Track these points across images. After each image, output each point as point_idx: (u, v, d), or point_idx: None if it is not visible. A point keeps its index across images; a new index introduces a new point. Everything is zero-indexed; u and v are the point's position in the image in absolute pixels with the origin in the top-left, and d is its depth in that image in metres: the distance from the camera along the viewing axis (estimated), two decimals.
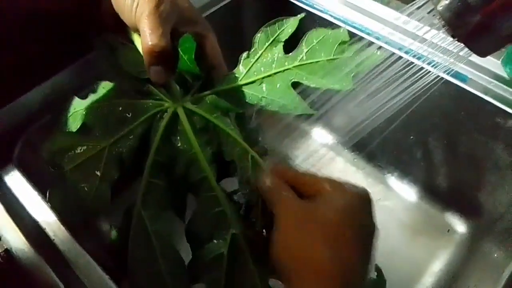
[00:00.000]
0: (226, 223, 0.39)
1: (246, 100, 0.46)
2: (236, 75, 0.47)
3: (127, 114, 0.42)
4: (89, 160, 0.41)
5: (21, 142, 0.49)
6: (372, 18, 0.61)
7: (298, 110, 0.45)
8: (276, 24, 0.47)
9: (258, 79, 0.46)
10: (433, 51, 0.33)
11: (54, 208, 0.43)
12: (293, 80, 0.46)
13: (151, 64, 0.41)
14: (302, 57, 0.46)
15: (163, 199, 0.41)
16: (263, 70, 0.46)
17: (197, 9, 0.45)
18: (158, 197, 0.41)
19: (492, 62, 0.55)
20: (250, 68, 0.46)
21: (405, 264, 0.62)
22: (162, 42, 0.40)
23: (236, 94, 0.46)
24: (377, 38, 0.55)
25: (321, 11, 0.63)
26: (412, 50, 0.42)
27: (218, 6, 0.64)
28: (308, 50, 0.46)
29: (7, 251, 0.42)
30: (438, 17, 0.28)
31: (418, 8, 0.30)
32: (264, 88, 0.46)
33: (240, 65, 0.47)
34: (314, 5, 0.63)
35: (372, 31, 0.59)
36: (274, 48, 0.47)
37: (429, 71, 0.33)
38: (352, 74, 0.44)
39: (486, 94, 0.53)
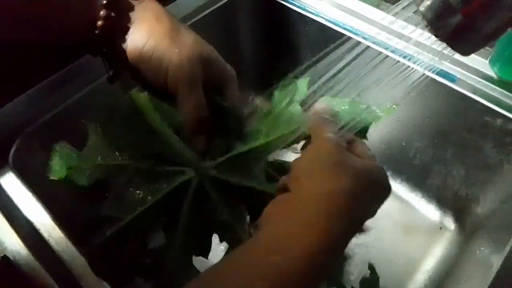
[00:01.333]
0: None
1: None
2: (256, 132, 0.44)
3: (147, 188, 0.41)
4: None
5: (16, 144, 0.49)
6: (362, 19, 0.62)
7: None
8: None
9: (276, 138, 0.43)
10: (419, 50, 0.34)
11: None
12: None
13: (196, 133, 0.41)
14: None
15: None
16: (281, 128, 0.43)
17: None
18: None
19: (480, 62, 0.56)
20: (269, 127, 0.44)
21: (398, 262, 0.63)
22: (206, 111, 0.41)
23: (257, 154, 0.44)
24: (365, 38, 0.56)
25: (312, 13, 0.64)
26: (399, 50, 0.43)
27: (214, 8, 0.65)
28: None
29: (5, 257, 0.42)
30: (421, 17, 0.28)
31: (404, 8, 0.31)
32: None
33: (258, 123, 0.45)
34: (306, 8, 0.64)
35: (360, 32, 0.60)
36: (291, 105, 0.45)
37: (415, 70, 0.34)
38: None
39: (474, 93, 0.54)
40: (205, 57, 0.41)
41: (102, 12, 0.41)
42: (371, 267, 0.56)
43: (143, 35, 0.41)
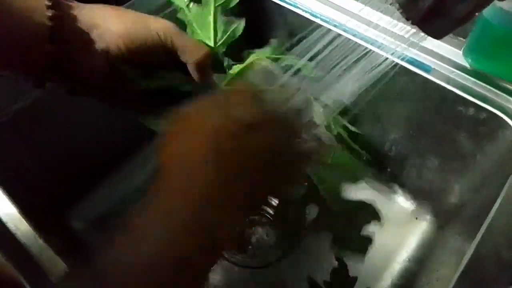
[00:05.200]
0: None
1: None
2: None
3: None
4: None
5: None
6: (334, 8, 0.62)
7: None
8: None
9: None
10: (390, 38, 0.34)
11: None
12: None
13: (208, 70, 0.45)
14: None
15: None
16: None
17: None
18: None
19: (454, 52, 0.57)
20: None
21: (374, 253, 0.63)
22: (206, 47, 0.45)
23: None
24: (335, 26, 0.56)
25: (289, 4, 0.63)
26: (369, 37, 0.43)
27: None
28: None
29: None
30: (392, 1, 0.28)
31: None
32: None
33: None
34: None
35: (331, 20, 0.60)
36: None
37: (387, 58, 0.34)
38: None
39: (448, 83, 0.54)
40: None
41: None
42: (338, 258, 0.57)
43: (117, 27, 0.41)
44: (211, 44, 0.49)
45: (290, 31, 0.64)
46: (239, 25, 0.50)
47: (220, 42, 0.50)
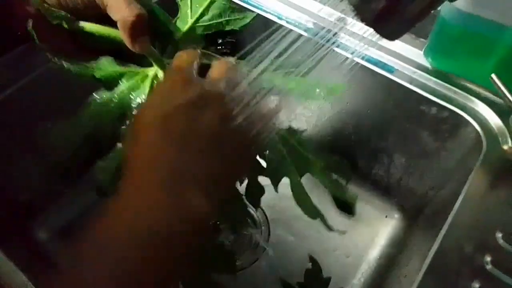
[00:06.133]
0: None
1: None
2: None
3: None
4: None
5: None
6: (293, 8, 0.62)
7: None
8: None
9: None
10: (350, 38, 0.34)
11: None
12: None
13: (138, 35, 0.38)
14: None
15: None
16: None
17: None
18: None
19: (416, 53, 0.58)
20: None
21: (345, 252, 0.64)
22: (142, 10, 0.38)
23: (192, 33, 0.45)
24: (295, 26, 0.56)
25: (249, 4, 0.63)
26: (326, 35, 0.43)
27: None
28: None
29: None
30: (347, 2, 0.29)
31: None
32: None
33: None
34: None
35: (291, 20, 0.61)
36: None
37: (347, 57, 0.34)
38: None
39: (411, 83, 0.55)
40: None
41: None
42: (312, 259, 0.57)
43: None
44: (189, 19, 0.46)
45: (251, 32, 0.65)
46: (241, 19, 0.47)
47: (202, 24, 0.46)
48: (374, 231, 0.66)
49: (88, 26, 0.41)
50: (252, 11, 0.48)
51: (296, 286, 0.57)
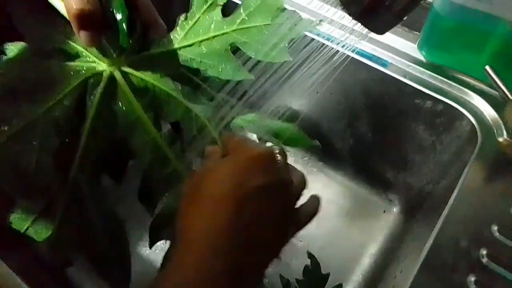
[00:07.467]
0: (179, 179, 0.39)
1: (184, 63, 0.45)
2: (174, 37, 0.45)
3: (57, 78, 0.40)
4: (23, 130, 0.37)
5: None
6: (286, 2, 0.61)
7: (238, 76, 0.44)
8: None
9: (196, 42, 0.45)
10: (340, 31, 0.34)
11: None
12: (231, 44, 0.45)
13: (80, 29, 0.37)
14: (240, 21, 0.46)
15: (100, 162, 0.41)
16: (201, 33, 0.45)
17: None
18: (95, 159, 0.40)
19: (410, 47, 0.58)
20: (188, 31, 0.45)
21: (344, 248, 0.64)
22: (89, 5, 0.36)
23: (174, 57, 0.45)
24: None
25: None
26: (321, 31, 0.43)
27: None
28: (246, 15, 0.46)
29: None
30: None
31: None
32: (202, 52, 0.45)
33: (178, 27, 0.46)
34: None
35: None
36: (212, 11, 0.46)
37: (338, 51, 0.34)
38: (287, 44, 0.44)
39: (405, 77, 0.55)
40: None
41: None
42: (310, 255, 0.57)
43: None
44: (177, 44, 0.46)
45: None
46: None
47: (188, 56, 0.46)
48: (372, 226, 0.66)
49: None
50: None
51: (295, 283, 0.57)
